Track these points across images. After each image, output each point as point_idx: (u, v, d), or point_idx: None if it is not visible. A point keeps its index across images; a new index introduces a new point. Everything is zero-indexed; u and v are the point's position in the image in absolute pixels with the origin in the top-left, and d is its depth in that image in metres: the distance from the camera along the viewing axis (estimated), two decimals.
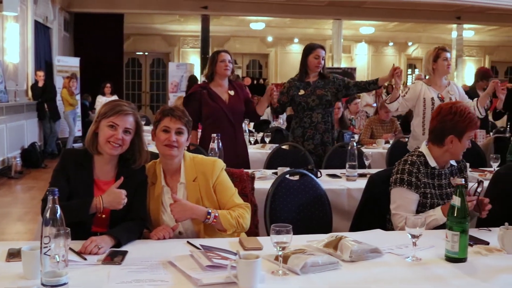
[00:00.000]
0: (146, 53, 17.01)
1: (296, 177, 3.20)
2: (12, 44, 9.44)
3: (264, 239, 2.28)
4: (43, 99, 10.27)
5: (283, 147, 4.74)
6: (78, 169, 2.41)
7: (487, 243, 2.30)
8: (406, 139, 5.48)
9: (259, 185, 3.25)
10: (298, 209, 3.05)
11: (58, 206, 1.75)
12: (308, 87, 4.59)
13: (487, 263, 2.08)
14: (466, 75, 16.80)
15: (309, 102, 4.54)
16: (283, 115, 8.06)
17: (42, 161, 9.63)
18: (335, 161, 4.47)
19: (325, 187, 3.21)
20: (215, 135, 3.47)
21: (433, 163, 2.70)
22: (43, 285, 1.68)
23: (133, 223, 2.37)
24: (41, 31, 11.37)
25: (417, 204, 2.66)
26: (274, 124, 8.18)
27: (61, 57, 12.30)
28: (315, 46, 4.60)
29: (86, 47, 13.43)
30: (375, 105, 9.92)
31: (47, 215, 1.73)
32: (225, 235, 2.43)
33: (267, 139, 6.07)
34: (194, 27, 15.40)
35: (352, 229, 2.90)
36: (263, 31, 16.59)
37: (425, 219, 2.22)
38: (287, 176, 3.15)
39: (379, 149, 5.93)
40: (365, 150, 5.15)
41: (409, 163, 2.68)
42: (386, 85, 11.21)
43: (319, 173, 3.76)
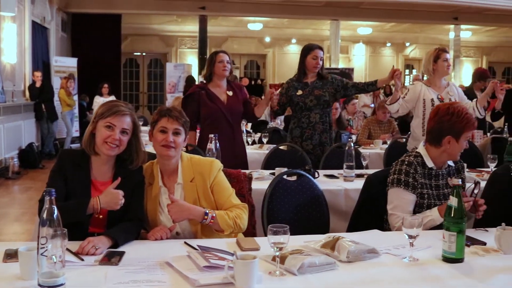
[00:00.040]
0: (143, 54, 16.99)
1: (293, 178, 3.20)
2: (9, 44, 9.43)
3: (261, 240, 2.28)
4: (41, 99, 10.26)
5: (280, 147, 4.74)
6: (75, 170, 2.41)
7: (484, 244, 2.30)
8: (403, 140, 5.49)
9: (257, 185, 3.25)
10: (295, 210, 3.05)
11: (55, 206, 1.75)
12: (306, 87, 4.59)
13: (484, 263, 2.08)
14: (463, 75, 16.83)
15: (307, 102, 4.55)
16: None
17: (39, 162, 9.62)
18: (333, 162, 4.47)
19: (323, 188, 3.21)
20: (212, 135, 3.47)
21: (430, 164, 2.70)
22: (40, 285, 1.68)
23: (131, 224, 2.37)
24: (39, 32, 11.36)
25: (414, 204, 2.66)
26: (271, 124, 8.19)
27: (58, 57, 12.29)
28: (313, 46, 4.60)
29: (83, 48, 13.41)
30: (373, 105, 9.93)
31: (44, 216, 1.73)
32: (222, 236, 2.43)
33: (265, 140, 6.08)
34: (191, 27, 15.40)
35: (349, 230, 2.90)
36: (261, 32, 16.59)
37: (422, 219, 2.23)
38: (285, 176, 3.15)
39: (376, 149, 5.94)
40: (362, 150, 5.15)
41: (406, 163, 2.69)
42: (383, 85, 11.20)
43: (316, 174, 3.76)
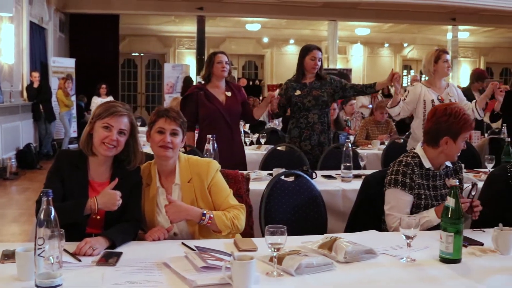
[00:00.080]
0: (141, 54, 16.98)
1: (291, 178, 3.20)
2: (7, 45, 9.41)
3: (259, 240, 2.27)
4: (38, 100, 10.25)
5: (278, 148, 4.74)
6: (73, 170, 2.41)
7: (482, 244, 2.31)
8: (401, 140, 5.50)
9: (254, 186, 3.25)
10: (293, 210, 3.06)
11: (52, 207, 1.75)
12: (304, 88, 4.59)
13: (481, 264, 2.08)
14: (461, 76, 16.85)
15: (305, 102, 4.55)
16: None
17: (37, 162, 9.61)
18: (331, 162, 4.47)
19: (320, 188, 3.22)
20: (210, 136, 3.47)
21: (427, 164, 2.70)
22: (37, 286, 1.68)
23: (128, 225, 2.37)
24: (36, 32, 11.34)
25: (411, 205, 2.66)
26: (269, 125, 8.19)
27: (56, 58, 12.27)
28: (311, 47, 4.61)
29: (81, 48, 13.39)
30: (371, 106, 9.93)
31: (41, 217, 1.72)
32: (220, 236, 2.43)
33: (263, 140, 6.08)
34: (189, 28, 15.39)
35: (347, 230, 2.91)
36: (259, 32, 16.60)
37: (419, 220, 2.23)
38: (282, 177, 3.15)
39: (374, 150, 5.94)
40: (360, 151, 5.15)
41: (403, 164, 2.69)
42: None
43: (314, 174, 3.77)
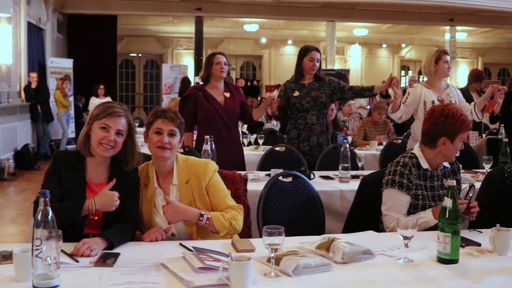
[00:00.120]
0: (139, 55, 16.97)
1: (289, 179, 3.20)
2: (4, 45, 9.40)
3: (256, 241, 2.28)
4: (36, 100, 10.24)
5: (276, 148, 4.73)
6: (70, 171, 2.40)
7: (479, 245, 2.31)
8: (399, 141, 5.51)
9: (252, 186, 3.24)
10: (290, 211, 3.06)
11: (49, 208, 1.75)
12: (303, 88, 4.59)
13: (478, 264, 2.09)
14: (459, 76, 16.86)
15: (303, 103, 4.55)
16: None
17: (35, 163, 9.60)
18: (328, 163, 4.47)
19: (318, 189, 3.22)
20: (208, 136, 3.46)
21: (425, 165, 2.71)
22: (34, 287, 1.68)
23: (126, 225, 2.37)
24: (34, 33, 11.33)
25: (408, 205, 2.66)
26: (267, 126, 8.19)
27: (54, 58, 12.25)
28: (310, 48, 4.60)
29: (79, 49, 13.38)
30: (369, 107, 9.95)
31: (39, 217, 1.72)
32: (217, 237, 2.43)
33: (261, 141, 6.08)
34: (187, 28, 15.38)
35: (344, 231, 2.91)
36: (257, 33, 16.59)
37: (417, 220, 2.23)
38: (280, 177, 3.15)
39: (372, 150, 5.94)
40: (358, 151, 5.15)
41: (401, 164, 2.69)
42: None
43: (312, 175, 3.76)
